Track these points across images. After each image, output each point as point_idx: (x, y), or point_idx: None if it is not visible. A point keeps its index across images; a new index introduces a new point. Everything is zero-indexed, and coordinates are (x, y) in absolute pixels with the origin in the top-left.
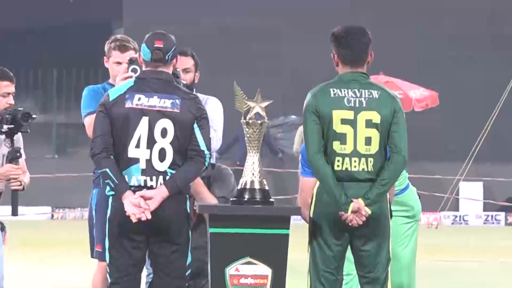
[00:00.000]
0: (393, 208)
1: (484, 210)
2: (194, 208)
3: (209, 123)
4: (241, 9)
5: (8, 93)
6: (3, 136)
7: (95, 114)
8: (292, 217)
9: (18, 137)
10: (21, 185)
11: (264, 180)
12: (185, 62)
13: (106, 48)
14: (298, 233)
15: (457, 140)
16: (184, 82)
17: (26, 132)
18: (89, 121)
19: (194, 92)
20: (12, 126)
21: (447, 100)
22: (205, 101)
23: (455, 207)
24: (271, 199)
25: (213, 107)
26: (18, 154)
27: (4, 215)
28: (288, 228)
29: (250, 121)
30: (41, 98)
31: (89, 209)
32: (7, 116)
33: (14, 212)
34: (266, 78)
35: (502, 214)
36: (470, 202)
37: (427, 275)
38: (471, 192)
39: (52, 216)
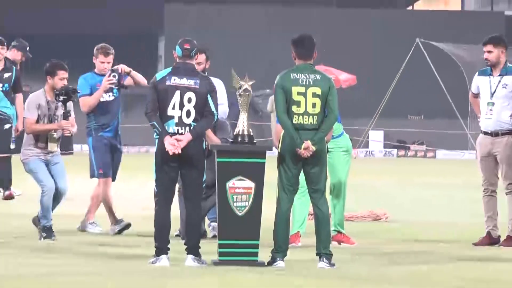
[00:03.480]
0: (333, 146)
1: (384, 148)
2: (207, 146)
3: (217, 94)
4: (242, 21)
5: (64, 78)
6: (60, 103)
7: (85, 97)
8: (268, 152)
9: (70, 104)
10: (70, 132)
11: (250, 129)
12: (200, 57)
13: (95, 51)
14: (270, 162)
15: (368, 105)
16: None
17: (74, 101)
18: (82, 101)
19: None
20: (65, 97)
21: (363, 80)
22: (217, 82)
23: (366, 146)
24: (254, 141)
25: (219, 84)
26: (69, 114)
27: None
28: (265, 158)
29: (242, 93)
30: None
31: (88, 146)
32: (62, 91)
33: (66, 149)
34: (252, 65)
35: (395, 150)
36: (375, 143)
37: (349, 189)
38: (376, 136)
39: None
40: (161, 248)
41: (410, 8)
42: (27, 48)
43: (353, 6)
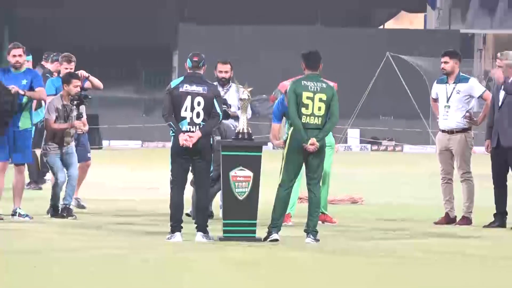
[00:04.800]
0: None
1: (360, 143)
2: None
3: (221, 99)
4: (243, 38)
5: (77, 85)
6: (74, 107)
7: (50, 96)
8: (264, 146)
9: (83, 107)
10: (82, 131)
11: (249, 128)
12: (225, 67)
13: (60, 59)
14: (266, 155)
15: (346, 107)
16: (228, 105)
17: (85, 105)
18: (48, 99)
19: (231, 82)
20: (78, 101)
21: (342, 86)
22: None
23: (345, 141)
24: (252, 137)
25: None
26: (81, 116)
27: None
28: (261, 152)
29: (242, 98)
30: (134, 85)
31: None
32: (76, 97)
33: (78, 145)
34: (251, 75)
35: (369, 145)
36: (352, 139)
37: (331, 177)
38: (353, 134)
39: (142, 145)
40: (175, 226)
41: (381, 27)
42: None
43: (334, 25)
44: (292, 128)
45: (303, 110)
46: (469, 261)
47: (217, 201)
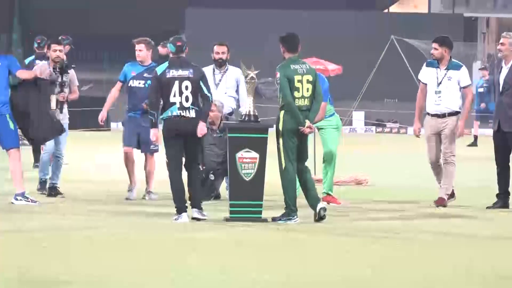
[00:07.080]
0: (326, 124)
1: (365, 125)
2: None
3: (208, 80)
4: (249, 22)
5: (56, 50)
6: (58, 74)
7: (118, 83)
8: (269, 128)
9: (73, 75)
10: (63, 98)
11: (255, 110)
12: (222, 48)
13: (134, 42)
14: (272, 137)
15: (351, 90)
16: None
17: (68, 73)
18: (115, 85)
19: (228, 64)
20: (60, 68)
21: (347, 69)
22: (237, 71)
23: (350, 123)
24: (258, 120)
25: (240, 75)
26: (64, 84)
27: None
28: (267, 134)
29: (248, 81)
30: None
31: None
32: (58, 64)
33: (61, 111)
34: (257, 58)
35: (374, 127)
36: (357, 121)
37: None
38: (358, 116)
39: None
40: (180, 207)
41: (386, 10)
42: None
43: (339, 8)
44: (283, 112)
45: (295, 93)
46: (473, 242)
47: (223, 183)
